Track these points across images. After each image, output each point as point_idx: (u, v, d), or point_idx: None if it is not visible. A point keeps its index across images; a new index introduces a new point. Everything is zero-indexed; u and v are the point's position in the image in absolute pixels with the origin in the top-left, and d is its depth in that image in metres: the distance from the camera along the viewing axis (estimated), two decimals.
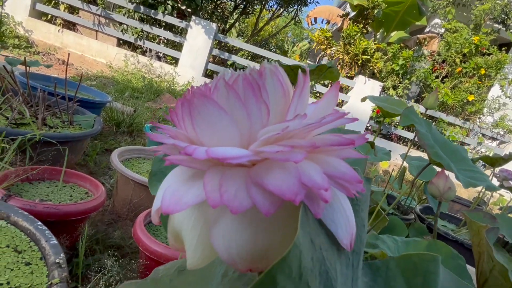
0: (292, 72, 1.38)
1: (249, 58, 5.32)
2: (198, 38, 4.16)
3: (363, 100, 1.55)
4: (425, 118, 1.55)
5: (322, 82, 5.01)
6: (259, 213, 0.13)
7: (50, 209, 0.78)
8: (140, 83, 3.57)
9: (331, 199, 0.15)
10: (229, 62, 5.03)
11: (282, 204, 0.13)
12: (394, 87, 4.77)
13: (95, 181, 1.03)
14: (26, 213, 0.68)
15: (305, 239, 0.13)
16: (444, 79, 5.02)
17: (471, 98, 4.61)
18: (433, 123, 4.86)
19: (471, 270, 1.02)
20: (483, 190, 2.05)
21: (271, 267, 0.11)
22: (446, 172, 0.82)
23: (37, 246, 0.63)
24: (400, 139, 5.00)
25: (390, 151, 2.07)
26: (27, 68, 1.37)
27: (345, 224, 0.16)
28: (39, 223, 0.66)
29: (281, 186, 0.13)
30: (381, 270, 0.27)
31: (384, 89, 4.77)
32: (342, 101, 4.71)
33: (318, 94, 4.96)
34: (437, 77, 4.92)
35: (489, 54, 4.68)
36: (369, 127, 4.90)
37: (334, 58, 4.93)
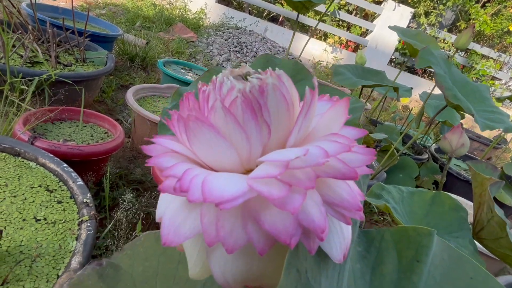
0: (301, 5, 1.26)
1: None
2: None
3: (391, 28, 1.43)
4: (456, 50, 1.43)
5: (347, 8, 4.58)
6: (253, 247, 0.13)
7: (73, 150, 0.83)
8: (151, 11, 3.39)
9: (329, 222, 0.15)
10: None
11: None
12: (426, 14, 4.32)
13: (113, 121, 1.06)
14: (51, 155, 0.73)
15: (290, 276, 0.14)
16: (486, 4, 4.47)
17: None
18: (464, 55, 4.50)
19: None
20: None
21: None
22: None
23: (65, 186, 0.69)
24: (426, 73, 4.72)
25: (412, 88, 1.98)
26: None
27: (340, 243, 0.15)
28: (65, 165, 0.72)
29: (277, 226, 0.13)
30: (376, 240, 0.28)
31: (414, 16, 4.33)
32: (367, 30, 4.36)
33: (341, 23, 4.58)
34: (477, 1, 4.37)
35: None
36: (394, 59, 4.61)
37: None
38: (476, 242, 0.62)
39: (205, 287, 0.23)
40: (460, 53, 4.50)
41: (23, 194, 0.64)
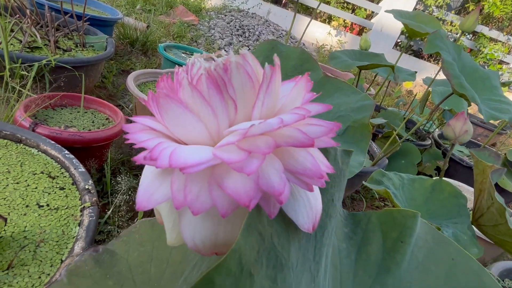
0: None
1: None
2: None
3: (388, 11, 1.40)
4: (462, 33, 1.40)
5: None
6: None
7: (75, 137, 0.83)
8: None
9: (294, 190, 0.16)
10: None
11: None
12: None
13: (114, 107, 1.06)
14: (53, 142, 0.73)
15: (250, 238, 0.15)
16: None
17: None
18: (472, 38, 4.39)
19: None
20: None
21: (207, 271, 0.13)
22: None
23: (67, 172, 0.69)
24: (431, 57, 4.63)
25: (416, 72, 1.95)
26: None
27: (306, 211, 0.16)
28: (66, 151, 0.72)
29: (238, 190, 0.14)
30: (362, 222, 0.29)
31: None
32: (372, 12, 4.25)
33: (345, 5, 4.47)
34: None
35: None
36: (399, 43, 4.52)
37: None
38: (475, 228, 0.62)
39: (195, 268, 0.24)
40: (468, 36, 4.40)
41: (26, 180, 0.65)
